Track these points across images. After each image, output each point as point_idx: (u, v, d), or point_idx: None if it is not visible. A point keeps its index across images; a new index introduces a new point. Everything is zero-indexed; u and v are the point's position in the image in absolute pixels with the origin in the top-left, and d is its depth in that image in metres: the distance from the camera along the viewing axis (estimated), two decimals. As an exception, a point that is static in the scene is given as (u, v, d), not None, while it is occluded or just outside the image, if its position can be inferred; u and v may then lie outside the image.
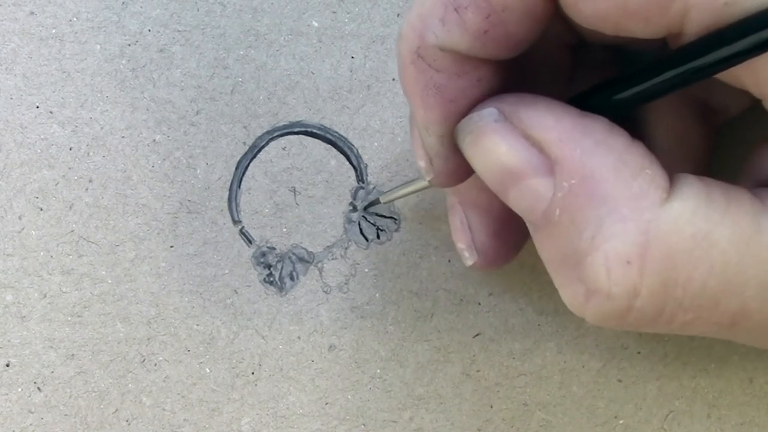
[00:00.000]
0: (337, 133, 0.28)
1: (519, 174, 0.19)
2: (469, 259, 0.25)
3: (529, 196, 0.19)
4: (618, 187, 0.18)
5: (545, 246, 0.20)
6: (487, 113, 0.20)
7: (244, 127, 0.28)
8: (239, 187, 0.28)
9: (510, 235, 0.25)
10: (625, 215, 0.18)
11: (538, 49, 0.22)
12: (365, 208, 0.28)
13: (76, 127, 0.28)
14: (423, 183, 0.25)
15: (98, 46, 0.28)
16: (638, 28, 0.19)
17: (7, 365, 0.28)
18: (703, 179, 0.19)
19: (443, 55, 0.20)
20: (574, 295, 0.19)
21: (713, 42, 0.18)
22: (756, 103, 0.24)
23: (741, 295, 0.18)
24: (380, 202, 0.28)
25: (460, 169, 0.22)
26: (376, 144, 0.28)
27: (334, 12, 0.29)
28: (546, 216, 0.19)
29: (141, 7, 0.29)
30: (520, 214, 0.20)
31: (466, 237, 0.25)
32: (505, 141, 0.19)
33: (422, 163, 0.22)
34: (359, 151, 0.28)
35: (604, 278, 0.18)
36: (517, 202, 0.20)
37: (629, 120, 0.22)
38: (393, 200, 0.27)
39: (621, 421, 0.28)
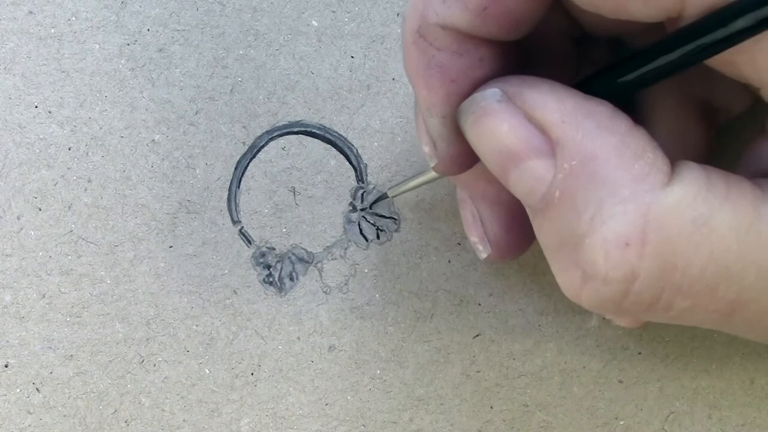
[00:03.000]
0: (336, 132, 0.28)
1: (520, 155, 0.19)
2: (483, 251, 0.25)
3: (530, 178, 0.19)
4: (619, 169, 0.18)
5: (543, 230, 0.20)
6: (490, 93, 0.20)
7: (244, 127, 0.28)
8: (239, 187, 0.28)
9: (521, 224, 0.25)
10: (625, 197, 0.18)
11: (541, 39, 0.22)
12: (371, 205, 0.28)
13: (75, 126, 0.28)
14: (430, 175, 0.25)
15: (97, 46, 0.28)
16: (636, 9, 0.19)
17: (6, 366, 0.28)
18: (704, 166, 0.19)
19: (444, 33, 0.20)
20: (571, 280, 0.19)
21: (714, 20, 0.18)
22: (755, 100, 0.24)
23: (740, 282, 0.18)
24: (388, 197, 0.27)
25: (464, 154, 0.21)
26: (375, 144, 0.28)
27: (334, 11, 0.28)
28: (545, 198, 0.19)
29: (140, 7, 0.28)
30: (520, 199, 0.20)
31: (478, 230, 0.25)
32: (506, 121, 0.19)
33: (426, 149, 0.22)
34: (359, 151, 0.28)
35: (601, 262, 0.18)
36: (518, 184, 0.20)
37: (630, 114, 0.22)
38: (401, 194, 0.27)
39: (621, 422, 0.28)
